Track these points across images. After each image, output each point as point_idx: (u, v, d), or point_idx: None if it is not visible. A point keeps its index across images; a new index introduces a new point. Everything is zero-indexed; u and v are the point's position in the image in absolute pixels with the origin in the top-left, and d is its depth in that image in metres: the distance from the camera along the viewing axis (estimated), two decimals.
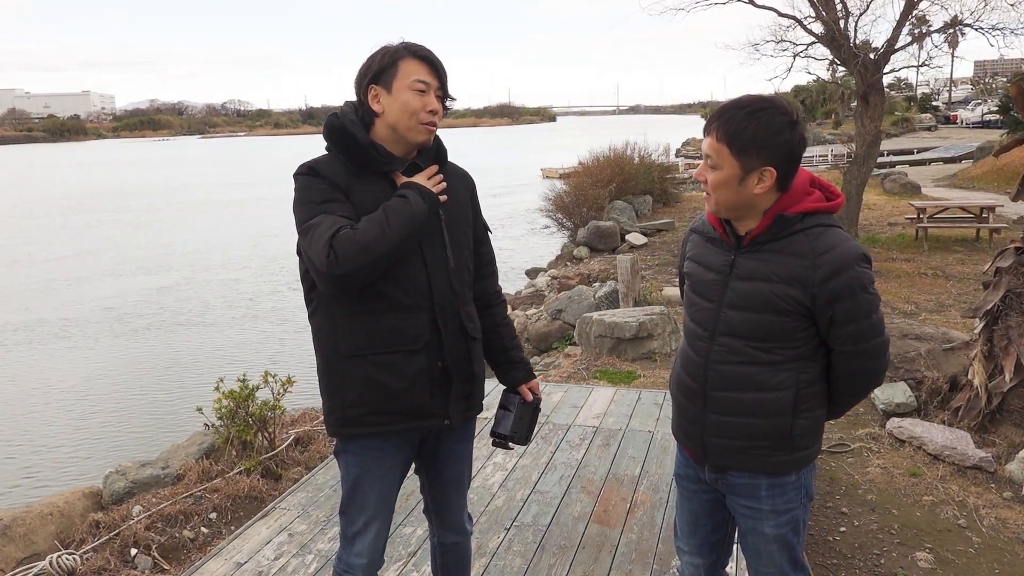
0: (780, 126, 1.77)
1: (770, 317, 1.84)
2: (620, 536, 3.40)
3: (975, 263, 10.05)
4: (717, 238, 1.96)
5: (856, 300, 1.81)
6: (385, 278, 2.01)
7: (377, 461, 2.16)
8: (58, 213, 27.97)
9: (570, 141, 52.28)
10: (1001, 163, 17.81)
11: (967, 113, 48.70)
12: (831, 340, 1.87)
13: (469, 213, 2.26)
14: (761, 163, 1.77)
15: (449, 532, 2.43)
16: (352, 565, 2.22)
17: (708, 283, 1.96)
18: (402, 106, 2.01)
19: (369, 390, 2.07)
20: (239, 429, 4.61)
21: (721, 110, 1.81)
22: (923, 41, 13.51)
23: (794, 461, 1.95)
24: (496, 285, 2.41)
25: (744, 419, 1.92)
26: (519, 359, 2.41)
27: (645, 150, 19.36)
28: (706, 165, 1.84)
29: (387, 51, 2.03)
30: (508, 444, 2.37)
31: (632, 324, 6.70)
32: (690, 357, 2.01)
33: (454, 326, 2.13)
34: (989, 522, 3.78)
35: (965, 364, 5.01)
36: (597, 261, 12.91)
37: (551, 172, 31.90)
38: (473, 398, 2.26)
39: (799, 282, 1.81)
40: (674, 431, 2.17)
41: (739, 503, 2.03)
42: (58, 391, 9.37)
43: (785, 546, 2.01)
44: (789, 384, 1.88)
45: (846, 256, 1.79)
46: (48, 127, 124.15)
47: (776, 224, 1.84)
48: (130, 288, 14.92)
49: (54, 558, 3.52)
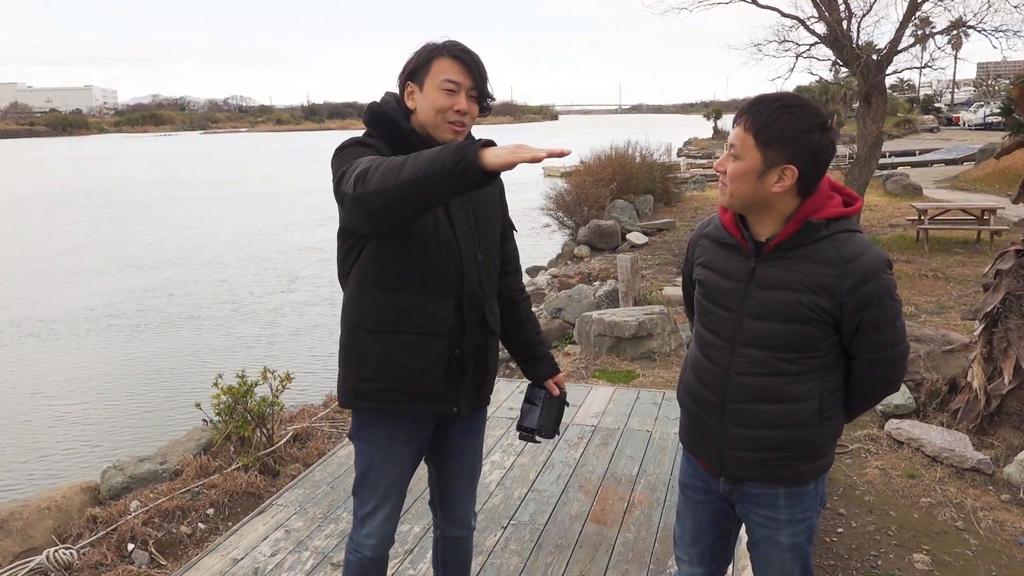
0: (810, 126, 1.72)
1: (796, 327, 1.79)
2: (617, 535, 3.39)
3: (976, 265, 10.04)
4: (734, 244, 1.88)
5: (883, 307, 1.78)
6: (421, 261, 2.05)
7: (389, 448, 2.21)
8: (59, 208, 27.96)
9: (572, 140, 52.19)
10: (1003, 165, 17.80)
11: (969, 115, 48.60)
12: (854, 348, 1.83)
13: (498, 210, 2.30)
14: (784, 160, 1.72)
15: (453, 526, 2.44)
16: (362, 545, 2.27)
17: (726, 291, 1.88)
18: (430, 104, 2.04)
19: (386, 366, 2.10)
20: (237, 425, 4.61)
21: (754, 101, 1.77)
22: (926, 42, 13.50)
23: (814, 470, 1.91)
24: (520, 282, 2.45)
25: (766, 431, 1.87)
26: (545, 354, 2.46)
27: (647, 149, 19.36)
28: (728, 155, 1.79)
29: (426, 49, 2.07)
30: (535, 438, 2.40)
31: (632, 323, 6.70)
32: (706, 367, 1.94)
33: (477, 317, 2.17)
34: (987, 524, 3.78)
35: (964, 366, 5.00)
36: (597, 260, 12.90)
37: (552, 171, 31.85)
38: (483, 390, 2.29)
39: (827, 290, 1.76)
40: (684, 441, 2.10)
41: (754, 512, 1.97)
42: (55, 386, 9.36)
43: (799, 555, 1.97)
44: (814, 394, 1.84)
45: (874, 263, 1.76)
46: (50, 121, 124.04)
47: (803, 231, 1.78)
48: (127, 284, 14.91)
49: (51, 552, 3.52)
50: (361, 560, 2.28)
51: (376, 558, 2.29)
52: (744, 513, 2.02)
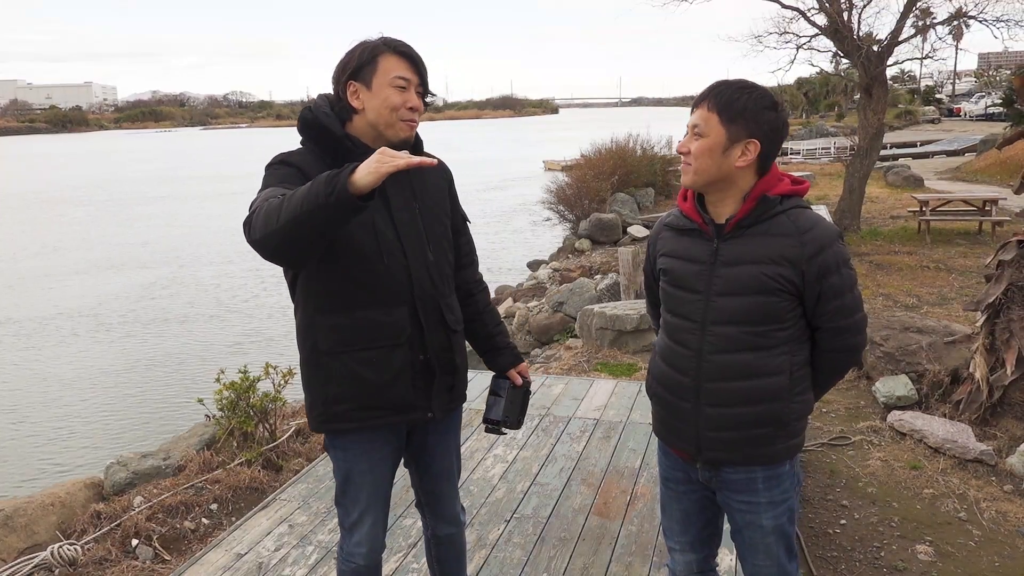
0: (769, 103, 1.85)
1: (761, 299, 1.86)
2: (620, 528, 3.40)
3: (977, 256, 10.03)
4: (695, 228, 1.96)
5: (840, 275, 1.87)
6: (366, 274, 2.01)
7: (366, 455, 2.17)
8: (60, 204, 27.97)
9: (572, 133, 52.16)
10: (1004, 156, 17.75)
11: (971, 106, 48.44)
12: (817, 318, 1.91)
13: (447, 205, 2.25)
14: (747, 134, 1.83)
15: (444, 523, 2.44)
16: (353, 554, 2.25)
17: (692, 275, 1.95)
18: (382, 102, 1.98)
19: (351, 385, 2.07)
20: (240, 420, 4.62)
21: (713, 86, 1.89)
22: (927, 33, 13.43)
23: (789, 449, 1.97)
24: (476, 274, 2.41)
25: (741, 408, 1.92)
26: (505, 344, 2.42)
27: (647, 142, 19.37)
28: (691, 136, 1.88)
29: (366, 47, 1.99)
30: (501, 430, 2.39)
31: (633, 317, 6.70)
32: (677, 352, 2.00)
33: (435, 319, 2.14)
34: (989, 515, 3.78)
35: (967, 357, 5.00)
36: (599, 253, 12.90)
37: (553, 164, 31.82)
38: (456, 390, 2.27)
39: (788, 260, 1.84)
40: (658, 432, 2.14)
41: (734, 499, 2.02)
42: (59, 382, 9.39)
43: (782, 536, 2.02)
44: (783, 368, 1.91)
45: (828, 233, 1.87)
46: (50, 118, 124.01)
47: (759, 206, 1.87)
48: (131, 281, 14.93)
49: (55, 548, 3.53)
50: (356, 569, 2.27)
51: (370, 565, 2.28)
52: (724, 502, 2.06)
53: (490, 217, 21.35)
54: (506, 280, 13.53)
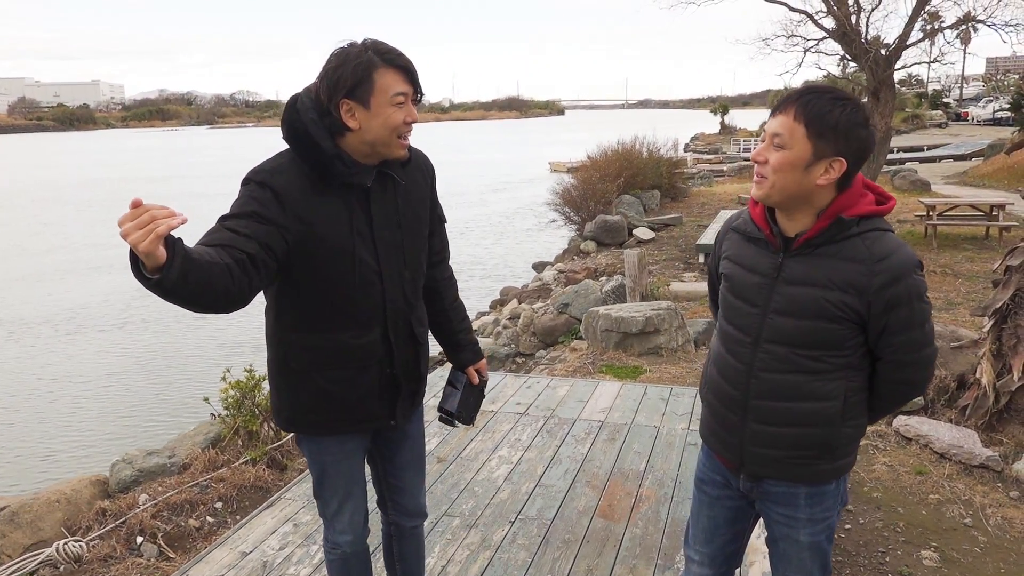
0: (862, 120, 1.70)
1: (821, 324, 1.76)
2: (625, 531, 3.39)
3: (984, 261, 9.99)
4: (762, 238, 1.85)
5: (912, 309, 1.74)
6: (342, 299, 2.00)
7: (339, 445, 2.20)
8: (68, 202, 28.05)
9: (578, 135, 52.17)
10: (1012, 161, 17.71)
11: (978, 110, 48.27)
12: (880, 349, 1.81)
13: (427, 213, 2.21)
14: (835, 152, 1.68)
15: (408, 516, 2.43)
16: (338, 543, 2.29)
17: (752, 286, 1.85)
18: (383, 123, 1.90)
19: (320, 401, 2.10)
20: (245, 419, 4.63)
21: (800, 92, 1.73)
22: (935, 37, 13.42)
23: (835, 470, 1.89)
24: (446, 271, 2.40)
25: (789, 429, 1.85)
26: (467, 341, 2.43)
27: (654, 144, 19.31)
28: (769, 145, 1.73)
29: (359, 63, 1.86)
30: (454, 423, 2.42)
31: (639, 319, 6.69)
32: (729, 363, 1.92)
33: (404, 335, 2.15)
34: (995, 521, 3.76)
35: (973, 362, 4.99)
36: (604, 255, 12.88)
37: (559, 166, 31.85)
38: (418, 396, 2.30)
39: (855, 288, 1.73)
40: (704, 436, 2.07)
41: (774, 510, 1.96)
42: (65, 380, 9.41)
43: (818, 553, 1.96)
44: (837, 393, 1.81)
45: (905, 263, 1.72)
46: (57, 116, 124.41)
47: (833, 227, 1.74)
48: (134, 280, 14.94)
49: (61, 545, 3.54)
50: (343, 556, 2.29)
51: (356, 552, 2.30)
52: (764, 510, 2.00)
53: (495, 219, 21.37)
54: (511, 281, 13.53)
